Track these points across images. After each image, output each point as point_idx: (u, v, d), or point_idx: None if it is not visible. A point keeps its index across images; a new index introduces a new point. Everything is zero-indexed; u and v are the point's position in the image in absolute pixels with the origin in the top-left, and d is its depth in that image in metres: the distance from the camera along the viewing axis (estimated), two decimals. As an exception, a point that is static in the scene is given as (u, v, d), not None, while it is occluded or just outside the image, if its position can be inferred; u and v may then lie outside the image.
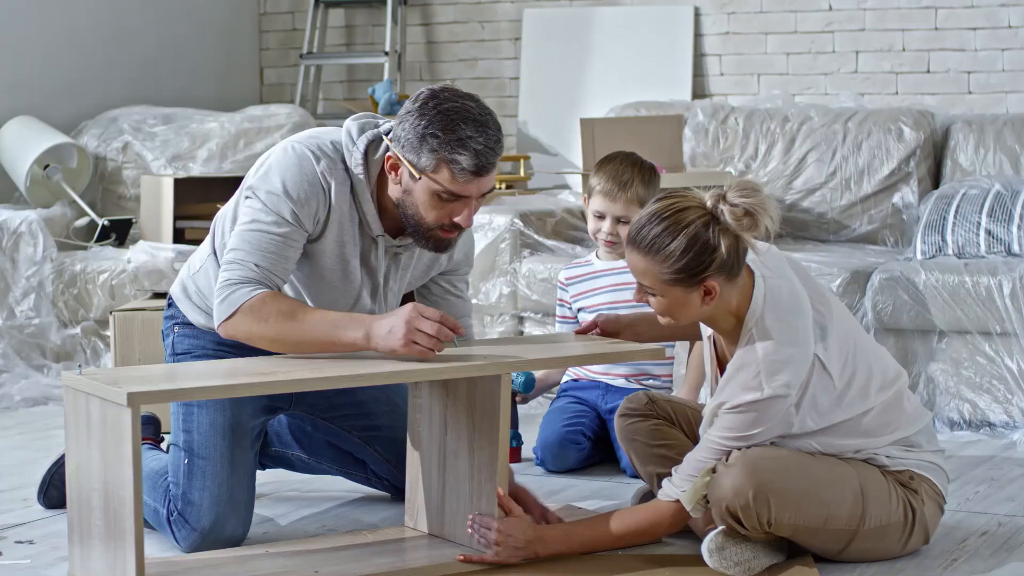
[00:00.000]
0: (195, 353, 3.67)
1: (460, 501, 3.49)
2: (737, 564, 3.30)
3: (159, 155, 6.40)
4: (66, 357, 5.72)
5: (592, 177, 4.53)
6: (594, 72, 6.85)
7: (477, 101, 3.40)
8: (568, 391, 4.60)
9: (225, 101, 7.30)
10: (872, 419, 3.40)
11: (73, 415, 3.25)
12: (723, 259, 3.24)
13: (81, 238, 6.09)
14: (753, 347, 3.28)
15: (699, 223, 3.24)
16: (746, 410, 3.27)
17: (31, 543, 3.68)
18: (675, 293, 3.28)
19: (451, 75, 7.27)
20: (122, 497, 3.08)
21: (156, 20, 7.13)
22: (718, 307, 3.32)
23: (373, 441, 3.83)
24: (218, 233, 3.63)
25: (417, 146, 3.37)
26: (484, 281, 5.54)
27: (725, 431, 3.31)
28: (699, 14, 6.72)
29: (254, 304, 3.37)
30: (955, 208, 5.23)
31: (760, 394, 3.25)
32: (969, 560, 3.44)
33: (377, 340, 3.31)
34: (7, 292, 5.75)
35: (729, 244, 3.24)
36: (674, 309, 3.32)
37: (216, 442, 3.53)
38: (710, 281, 3.26)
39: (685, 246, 3.23)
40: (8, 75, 6.44)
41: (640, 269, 3.30)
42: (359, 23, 7.53)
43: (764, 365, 3.26)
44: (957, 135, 5.76)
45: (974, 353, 4.89)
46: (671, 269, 3.25)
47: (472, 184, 3.38)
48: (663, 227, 3.25)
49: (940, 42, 6.29)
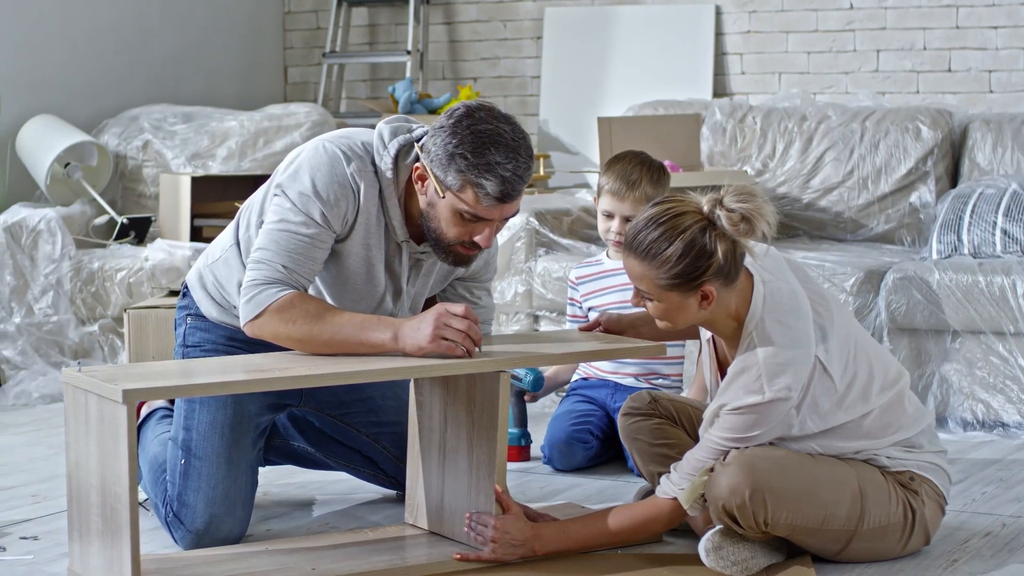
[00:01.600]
0: (205, 347, 3.67)
1: (459, 498, 3.49)
2: (735, 564, 3.29)
3: (179, 153, 6.43)
4: (84, 354, 5.75)
5: (601, 176, 4.53)
6: (615, 71, 6.84)
7: (513, 124, 3.37)
8: (577, 390, 4.60)
9: (249, 100, 7.32)
10: (873, 420, 3.38)
11: (73, 412, 3.27)
12: (720, 264, 3.23)
13: (101, 236, 6.12)
14: (754, 351, 3.27)
15: (696, 228, 3.23)
16: (747, 412, 3.27)
17: (35, 539, 3.71)
18: (672, 298, 3.28)
19: (473, 74, 7.28)
20: (118, 493, 3.10)
21: (179, 19, 7.16)
22: (716, 311, 3.31)
23: (381, 438, 3.83)
24: (242, 224, 3.62)
25: (446, 164, 3.35)
26: (500, 280, 5.54)
27: (725, 432, 3.30)
28: (720, 13, 6.71)
29: (282, 305, 3.37)
30: (971, 207, 5.21)
31: (761, 397, 3.25)
32: (970, 561, 3.42)
33: (405, 340, 3.31)
34: (26, 290, 5.79)
35: (726, 249, 3.23)
36: (671, 313, 3.31)
37: (213, 442, 3.54)
38: (707, 286, 3.25)
39: (682, 252, 3.22)
40: (31, 74, 6.48)
41: (637, 274, 3.29)
42: (382, 22, 7.55)
43: (765, 368, 3.25)
44: (975, 134, 5.74)
45: (988, 353, 4.87)
46: (667, 275, 3.24)
47: (496, 209, 3.37)
48: (659, 232, 3.24)
49: (961, 41, 6.26)
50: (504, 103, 7.20)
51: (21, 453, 4.75)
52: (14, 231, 5.80)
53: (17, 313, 5.77)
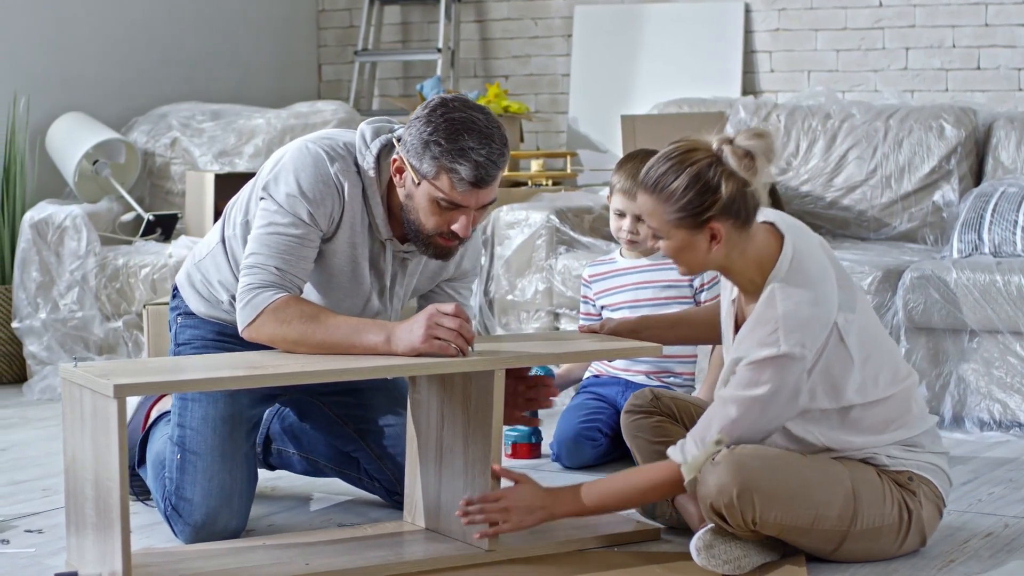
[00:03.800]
0: (195, 344, 3.71)
1: (455, 496, 3.50)
2: (726, 563, 3.29)
3: (206, 151, 6.47)
4: (108, 350, 5.80)
5: (613, 175, 4.54)
6: (644, 69, 6.84)
7: (486, 113, 3.43)
8: (588, 387, 4.61)
9: (282, 98, 7.36)
10: (878, 412, 3.36)
11: (69, 407, 3.31)
12: (725, 201, 3.24)
13: (128, 233, 6.17)
14: (773, 304, 3.27)
15: (703, 163, 3.26)
16: (760, 367, 3.25)
17: (40, 532, 3.75)
18: (681, 235, 3.29)
19: (504, 72, 7.29)
20: (109, 487, 3.13)
21: (213, 18, 7.21)
22: (732, 258, 3.31)
23: (366, 435, 3.85)
24: (228, 223, 3.67)
25: (420, 152, 3.39)
26: (520, 277, 5.55)
27: (739, 388, 3.28)
28: (749, 10, 6.69)
29: (277, 307, 3.40)
30: (993, 206, 5.18)
31: (776, 350, 3.23)
32: (966, 561, 3.40)
33: (398, 341, 3.34)
34: (52, 286, 5.84)
35: (732, 187, 3.25)
36: (682, 253, 3.32)
37: (207, 436, 3.57)
38: (715, 223, 3.26)
39: (687, 184, 3.25)
40: (64, 72, 6.54)
41: (647, 210, 3.32)
42: (414, 20, 7.57)
43: (783, 322, 3.25)
44: (999, 132, 5.70)
45: (1005, 353, 4.83)
46: (674, 208, 3.26)
47: (471, 195, 3.40)
48: (668, 166, 3.28)
49: (990, 38, 6.22)
50: (535, 101, 7.22)
51: (39, 447, 4.80)
52: (40, 228, 5.86)
53: (43, 309, 5.83)
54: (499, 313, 5.59)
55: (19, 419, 5.32)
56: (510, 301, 5.56)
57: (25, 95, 6.26)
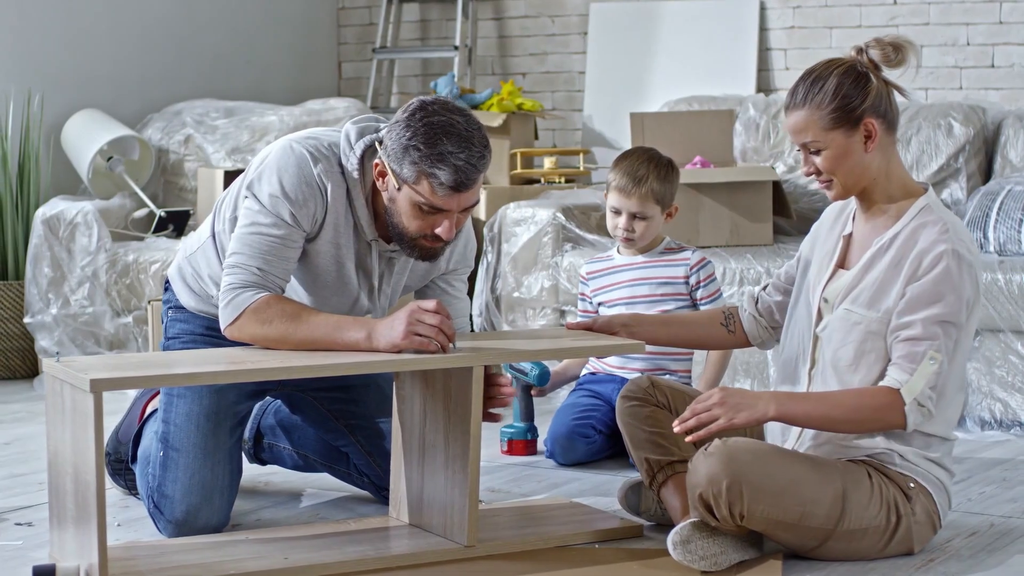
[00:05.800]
0: (184, 338, 3.74)
1: (437, 492, 3.52)
2: (703, 558, 3.28)
3: (219, 148, 6.51)
4: (119, 345, 5.85)
5: (609, 173, 4.54)
6: (659, 66, 6.83)
7: (467, 116, 3.42)
8: (584, 384, 4.62)
9: (301, 95, 7.38)
10: None
11: (51, 401, 3.34)
12: (878, 93, 3.33)
13: (140, 229, 6.21)
14: (933, 213, 3.35)
15: (848, 63, 3.37)
16: (943, 261, 3.29)
17: (30, 525, 3.78)
18: (838, 140, 3.34)
19: (521, 69, 7.30)
20: (87, 481, 3.15)
21: (230, 15, 7.24)
22: (880, 167, 3.37)
23: (356, 430, 3.87)
24: (218, 218, 3.69)
25: (400, 157, 3.39)
26: (526, 275, 5.56)
27: (927, 302, 3.28)
28: (764, 8, 6.68)
29: (258, 307, 3.42)
30: (999, 205, 5.16)
31: (949, 244, 3.30)
32: (946, 561, 3.38)
33: (379, 338, 3.35)
34: (63, 281, 5.89)
35: (880, 81, 3.34)
36: (840, 162, 3.36)
37: (190, 433, 3.60)
38: (868, 119, 3.32)
39: (838, 83, 3.33)
40: (80, 69, 6.59)
41: (800, 126, 3.37)
42: (432, 17, 7.59)
43: (951, 225, 3.33)
44: (1008, 130, 5.67)
45: (1007, 352, 4.82)
46: (828, 109, 3.33)
47: (452, 199, 3.40)
48: (813, 77, 3.37)
49: (1004, 36, 6.19)
50: (551, 98, 7.22)
51: (40, 442, 4.83)
52: (52, 224, 5.91)
53: (54, 304, 5.88)
54: (505, 310, 5.60)
55: (27, 413, 5.37)
56: (516, 298, 5.57)
57: (40, 92, 6.31)
